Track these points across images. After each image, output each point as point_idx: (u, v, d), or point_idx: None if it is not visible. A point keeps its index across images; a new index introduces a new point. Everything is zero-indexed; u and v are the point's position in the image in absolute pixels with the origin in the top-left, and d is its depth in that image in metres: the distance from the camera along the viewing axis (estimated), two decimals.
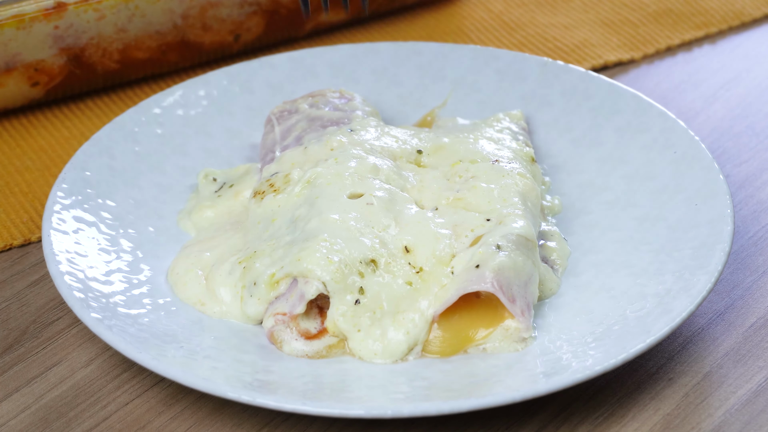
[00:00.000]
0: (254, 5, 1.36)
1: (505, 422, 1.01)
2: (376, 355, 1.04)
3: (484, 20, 1.46)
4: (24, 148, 1.30)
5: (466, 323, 1.05)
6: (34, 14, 1.26)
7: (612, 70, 1.39)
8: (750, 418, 1.02)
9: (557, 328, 1.06)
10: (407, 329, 1.04)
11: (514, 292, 1.03)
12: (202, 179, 1.20)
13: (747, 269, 1.15)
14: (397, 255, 1.06)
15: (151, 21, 1.32)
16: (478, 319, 1.05)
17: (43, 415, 1.03)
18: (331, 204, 1.08)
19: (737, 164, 1.26)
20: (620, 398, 1.03)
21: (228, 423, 1.02)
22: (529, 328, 1.04)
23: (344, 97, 1.24)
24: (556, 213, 1.18)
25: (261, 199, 1.13)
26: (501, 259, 1.04)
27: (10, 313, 1.12)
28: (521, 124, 1.23)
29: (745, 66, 1.39)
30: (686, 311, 1.02)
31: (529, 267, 1.05)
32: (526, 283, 1.05)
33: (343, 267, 1.04)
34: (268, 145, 1.21)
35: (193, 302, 1.09)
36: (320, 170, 1.12)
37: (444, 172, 1.14)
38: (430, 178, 1.13)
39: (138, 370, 1.06)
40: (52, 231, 1.10)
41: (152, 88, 1.37)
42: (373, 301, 1.04)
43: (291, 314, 1.04)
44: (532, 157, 1.18)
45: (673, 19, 1.45)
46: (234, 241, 1.13)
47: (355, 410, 0.96)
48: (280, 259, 1.06)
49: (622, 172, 1.19)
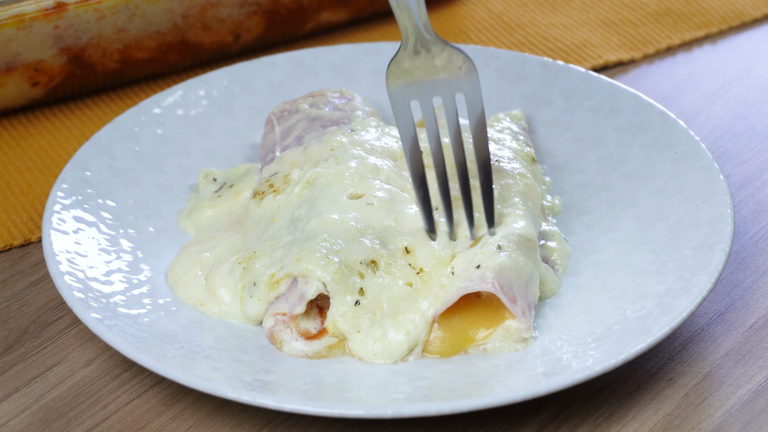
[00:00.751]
0: (254, 5, 1.36)
1: (505, 422, 1.01)
2: (376, 355, 1.04)
3: (484, 20, 1.46)
4: (24, 148, 1.30)
5: (466, 323, 1.05)
6: (34, 14, 1.26)
7: (612, 70, 1.39)
8: (750, 418, 1.02)
9: (557, 328, 1.06)
10: (407, 330, 1.04)
11: (515, 293, 1.03)
12: (202, 179, 1.20)
13: (747, 269, 1.15)
14: (397, 255, 1.06)
15: (151, 21, 1.32)
16: (478, 319, 1.05)
17: (43, 415, 1.03)
18: (331, 204, 1.08)
19: (737, 164, 1.26)
20: (620, 398, 1.03)
21: (228, 423, 1.02)
22: (530, 328, 1.04)
23: (344, 97, 1.24)
24: (556, 213, 1.18)
25: (261, 200, 1.13)
26: (502, 260, 1.04)
27: (10, 313, 1.12)
28: (521, 124, 1.23)
29: (745, 66, 1.39)
30: (686, 311, 1.02)
31: (530, 267, 1.05)
32: (527, 284, 1.05)
33: (344, 268, 1.04)
34: (268, 145, 1.21)
35: (192, 302, 1.09)
36: (320, 170, 1.12)
37: None
38: (430, 179, 1.13)
39: (138, 370, 1.06)
40: (52, 231, 1.10)
41: (152, 88, 1.37)
42: (373, 302, 1.04)
43: (291, 314, 1.04)
44: (533, 157, 1.18)
45: (673, 19, 1.45)
46: (233, 241, 1.13)
47: (355, 410, 0.96)
48: (280, 259, 1.06)
49: (623, 172, 1.19)
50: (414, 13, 1.05)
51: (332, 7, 1.41)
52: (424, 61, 1.06)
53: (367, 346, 1.04)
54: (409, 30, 1.05)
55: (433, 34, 1.05)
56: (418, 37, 1.05)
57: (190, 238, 1.15)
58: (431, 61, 1.06)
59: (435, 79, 1.06)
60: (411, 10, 1.04)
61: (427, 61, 1.06)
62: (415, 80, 1.07)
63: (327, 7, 1.40)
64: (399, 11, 1.05)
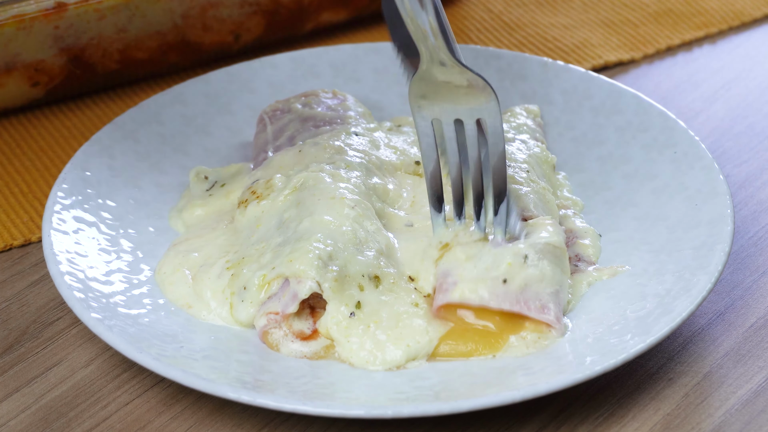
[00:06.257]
0: (254, 5, 1.36)
1: (505, 422, 1.01)
2: (368, 362, 1.03)
3: (484, 20, 1.46)
4: (24, 148, 1.30)
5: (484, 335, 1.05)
6: (34, 14, 1.26)
7: (612, 70, 1.39)
8: (750, 418, 1.02)
9: None
10: (407, 343, 1.04)
11: (544, 302, 1.04)
12: (194, 177, 1.19)
13: (747, 269, 1.15)
14: (403, 278, 1.07)
15: (151, 21, 1.32)
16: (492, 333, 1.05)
17: (43, 415, 1.03)
18: (324, 205, 1.08)
19: (737, 164, 1.26)
20: (620, 398, 1.03)
21: (228, 423, 1.02)
22: (563, 332, 1.04)
23: (337, 98, 1.24)
24: (581, 210, 1.18)
25: (245, 208, 1.12)
26: (529, 273, 1.04)
27: (10, 313, 1.12)
28: (538, 120, 1.23)
29: (745, 66, 1.39)
30: (686, 311, 1.02)
31: (558, 275, 1.05)
32: (558, 291, 1.05)
33: (343, 277, 1.04)
34: (260, 145, 1.21)
35: (180, 304, 1.08)
36: (310, 174, 1.11)
37: None
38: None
39: (138, 370, 1.06)
40: (52, 231, 1.10)
41: (152, 88, 1.37)
42: (369, 316, 1.04)
43: (283, 313, 1.04)
44: (553, 165, 1.18)
45: (673, 19, 1.45)
46: (221, 241, 1.12)
47: (355, 410, 0.96)
48: (271, 261, 1.06)
49: (623, 172, 1.19)
50: (429, 37, 1.02)
51: (332, 7, 1.41)
52: (445, 78, 1.04)
53: (357, 354, 1.03)
54: (424, 55, 1.03)
55: (451, 58, 1.03)
56: (435, 58, 1.03)
57: (179, 236, 1.15)
58: (452, 80, 1.04)
59: (455, 101, 1.05)
60: (427, 35, 1.03)
61: (449, 78, 1.04)
62: (437, 100, 1.05)
63: (327, 7, 1.40)
64: (415, 36, 1.03)
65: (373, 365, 1.03)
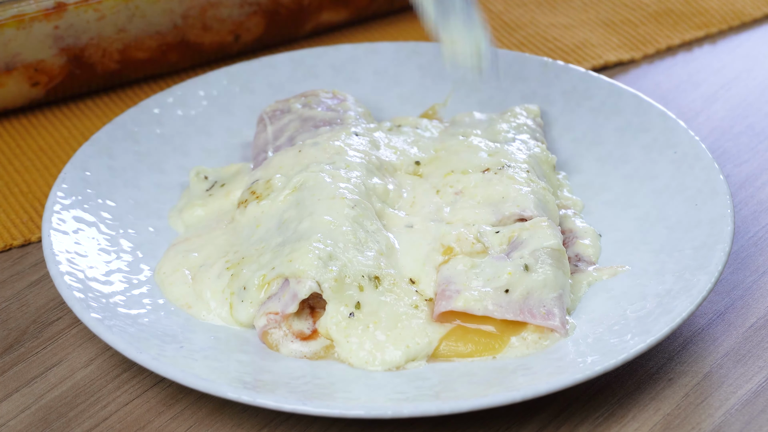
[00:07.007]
0: (254, 5, 1.36)
1: (505, 422, 1.01)
2: (367, 363, 1.03)
3: (484, 20, 1.46)
4: (24, 148, 1.30)
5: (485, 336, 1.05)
6: (34, 14, 1.26)
7: (612, 70, 1.39)
8: (750, 418, 1.02)
9: None
10: (407, 344, 1.04)
11: (549, 308, 1.04)
12: (194, 177, 1.19)
13: (747, 269, 1.15)
14: (404, 279, 1.07)
15: (151, 21, 1.32)
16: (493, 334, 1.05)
17: (43, 415, 1.03)
18: (324, 205, 1.08)
19: (737, 164, 1.26)
20: (620, 398, 1.03)
21: (228, 423, 1.02)
22: (567, 333, 1.04)
23: (337, 98, 1.24)
24: (581, 210, 1.18)
25: (245, 208, 1.12)
26: (531, 281, 1.04)
27: (10, 313, 1.12)
28: (538, 120, 1.23)
29: (745, 66, 1.39)
30: (686, 311, 1.02)
31: (560, 278, 1.05)
32: (561, 295, 1.05)
33: (343, 277, 1.04)
34: (260, 145, 1.21)
35: (180, 304, 1.08)
36: (310, 174, 1.11)
37: (436, 182, 1.15)
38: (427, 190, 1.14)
39: (138, 370, 1.06)
40: (52, 231, 1.10)
41: (152, 88, 1.37)
42: (369, 317, 1.04)
43: (283, 313, 1.04)
44: (553, 165, 1.18)
45: (673, 19, 1.45)
46: (221, 241, 1.12)
47: (355, 410, 0.96)
48: (270, 261, 1.06)
49: (623, 172, 1.19)
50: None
51: (332, 7, 1.40)
52: None
53: (357, 354, 1.03)
54: None
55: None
56: None
57: (178, 236, 1.15)
58: None
59: None
60: None
61: None
62: None
63: (327, 7, 1.40)
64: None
65: (372, 366, 1.03)
